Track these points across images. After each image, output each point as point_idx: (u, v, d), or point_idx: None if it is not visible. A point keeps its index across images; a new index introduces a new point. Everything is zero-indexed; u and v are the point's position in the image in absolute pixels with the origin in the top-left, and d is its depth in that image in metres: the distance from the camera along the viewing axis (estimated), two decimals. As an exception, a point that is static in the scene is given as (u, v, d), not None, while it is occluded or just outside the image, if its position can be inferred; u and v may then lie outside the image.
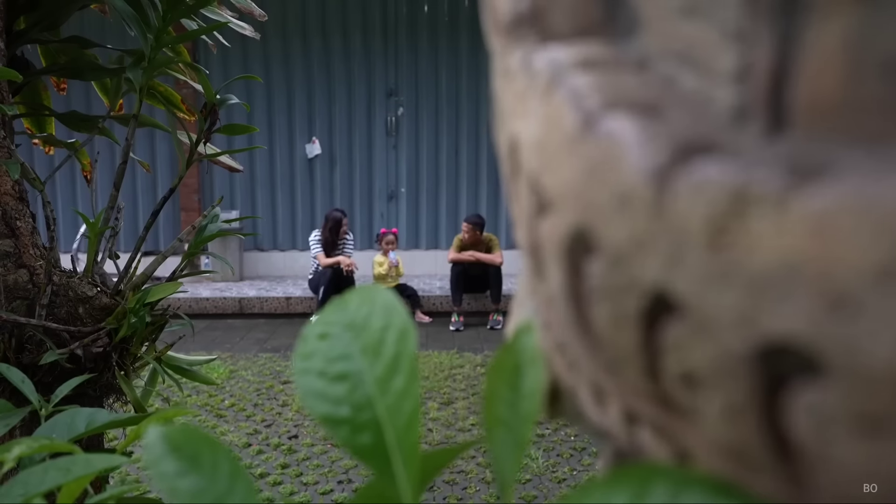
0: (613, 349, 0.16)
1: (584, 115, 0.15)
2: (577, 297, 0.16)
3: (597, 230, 0.15)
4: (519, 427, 0.21)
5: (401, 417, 0.25)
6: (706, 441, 0.14)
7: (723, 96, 0.14)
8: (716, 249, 0.12)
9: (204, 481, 0.23)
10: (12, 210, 1.14)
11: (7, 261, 1.11)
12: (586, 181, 0.15)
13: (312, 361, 0.28)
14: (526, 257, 0.21)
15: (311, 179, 7.37)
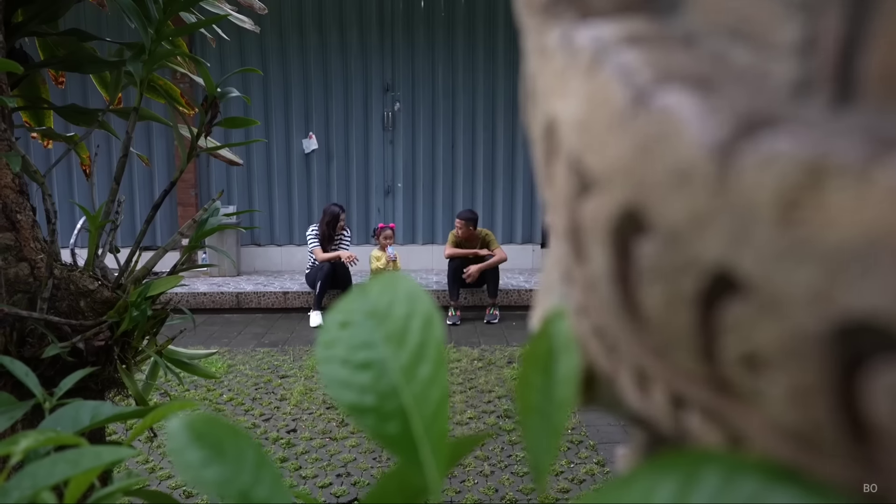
0: (664, 331, 0.15)
1: (635, 91, 0.15)
2: (624, 280, 0.16)
3: (650, 208, 0.15)
4: (553, 414, 0.20)
5: (428, 406, 0.25)
6: (767, 424, 0.14)
7: (782, 69, 0.14)
8: (787, 225, 0.12)
9: (229, 471, 0.23)
10: (13, 203, 1.13)
11: (8, 254, 1.10)
12: (638, 158, 0.15)
13: (335, 350, 0.27)
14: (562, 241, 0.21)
15: (307, 174, 7.35)
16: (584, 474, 2.91)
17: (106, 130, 1.49)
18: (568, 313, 0.22)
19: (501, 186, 7.40)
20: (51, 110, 1.57)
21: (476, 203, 7.35)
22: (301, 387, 4.04)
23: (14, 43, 1.33)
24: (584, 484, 2.83)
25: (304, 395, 3.92)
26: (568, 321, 0.22)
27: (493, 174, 7.41)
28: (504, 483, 2.84)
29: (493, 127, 7.36)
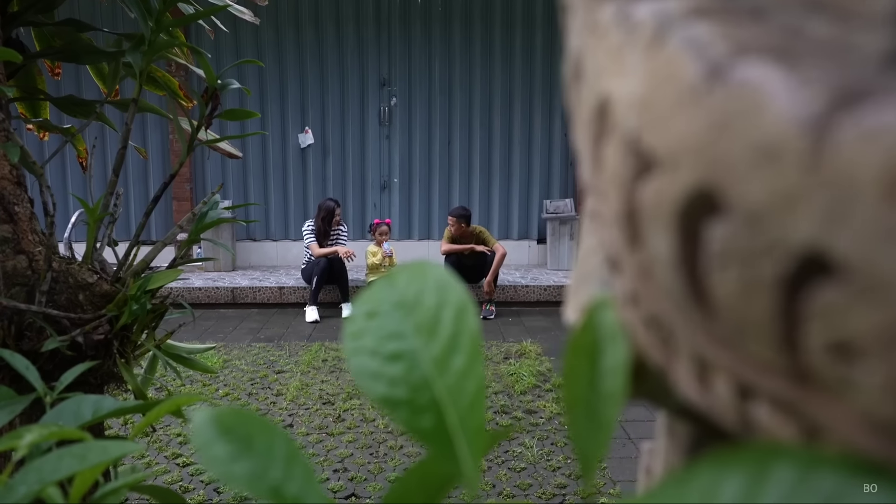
0: (737, 319, 0.14)
1: (709, 65, 0.14)
2: (690, 265, 0.15)
3: (726, 188, 0.14)
4: (602, 407, 0.20)
5: (463, 398, 0.24)
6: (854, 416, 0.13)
7: (869, 41, 0.13)
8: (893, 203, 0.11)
9: (259, 466, 0.22)
10: (10, 195, 1.11)
11: (6, 246, 1.08)
12: (713, 136, 0.14)
13: (363, 340, 0.26)
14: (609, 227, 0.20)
15: (303, 169, 7.33)
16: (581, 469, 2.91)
17: (103, 122, 1.47)
18: (613, 302, 0.21)
19: (498, 182, 7.39)
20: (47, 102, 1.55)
21: (472, 199, 7.34)
22: (297, 382, 4.03)
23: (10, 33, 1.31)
24: (582, 478, 2.84)
25: (301, 390, 3.91)
26: (613, 310, 0.21)
27: (490, 170, 7.41)
28: (501, 479, 2.84)
29: (489, 123, 7.35)
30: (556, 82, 7.33)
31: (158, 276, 1.22)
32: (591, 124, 0.19)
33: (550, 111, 7.36)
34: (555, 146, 7.39)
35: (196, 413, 0.23)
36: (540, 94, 7.32)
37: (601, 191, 0.20)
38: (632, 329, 0.20)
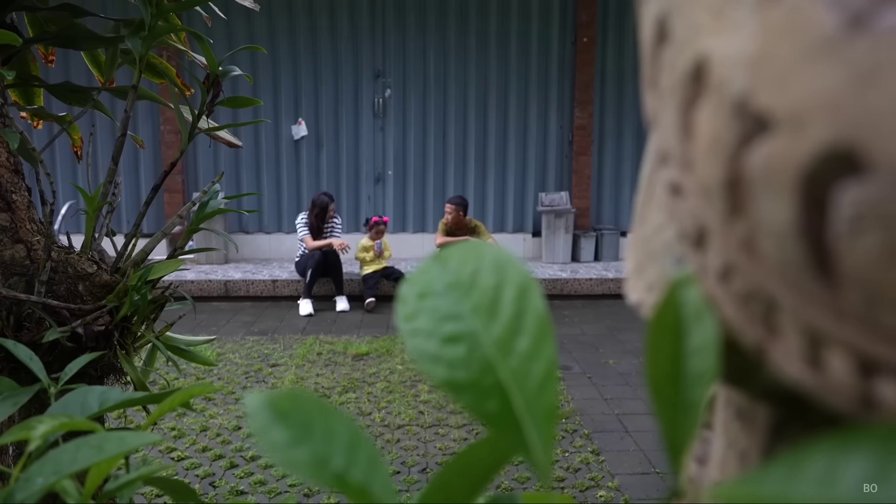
0: (871, 288, 0.13)
1: (848, 13, 0.13)
2: (813, 232, 0.14)
3: (870, 146, 0.13)
4: (689, 387, 0.19)
5: (530, 382, 0.23)
6: None
7: None
8: None
9: (320, 451, 0.21)
10: (7, 183, 1.09)
11: (3, 236, 1.06)
12: (855, 90, 0.13)
13: (418, 322, 0.25)
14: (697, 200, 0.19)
15: (296, 161, 7.29)
16: (579, 463, 2.92)
17: (99, 110, 1.45)
18: (696, 279, 0.20)
19: (493, 175, 7.38)
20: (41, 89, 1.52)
21: (467, 192, 7.32)
22: (292, 375, 4.02)
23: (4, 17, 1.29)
24: (580, 472, 2.84)
25: (296, 383, 3.90)
26: (698, 287, 0.20)
27: (485, 163, 7.39)
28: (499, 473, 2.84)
29: (484, 115, 7.32)
30: (551, 74, 7.31)
31: (159, 267, 1.20)
32: (681, 89, 0.18)
33: (546, 103, 7.34)
34: (550, 139, 7.38)
35: (249, 396, 0.21)
36: (535, 87, 7.30)
37: (687, 161, 0.19)
38: (720, 306, 0.19)
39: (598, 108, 7.36)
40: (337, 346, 4.59)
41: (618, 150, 7.44)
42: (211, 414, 3.40)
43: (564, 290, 6.27)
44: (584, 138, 7.30)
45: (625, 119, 7.38)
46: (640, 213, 0.26)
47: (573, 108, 7.30)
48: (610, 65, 7.32)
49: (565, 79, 7.34)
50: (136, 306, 1.14)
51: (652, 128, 0.23)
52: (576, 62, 7.24)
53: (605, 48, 7.31)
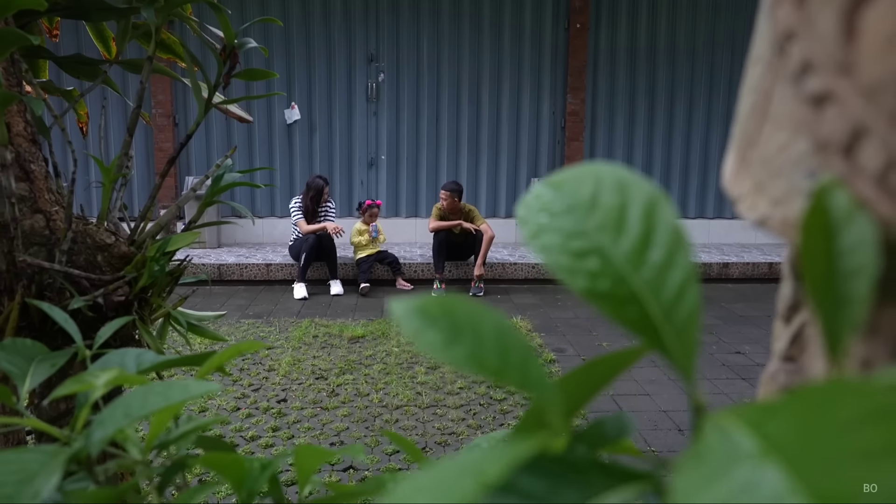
0: None
1: None
2: None
3: None
4: (849, 283, 0.19)
5: (667, 291, 0.23)
6: None
7: None
8: None
9: (474, 351, 0.21)
10: (25, 152, 1.08)
11: (23, 205, 1.06)
12: None
13: (545, 239, 0.26)
14: (850, 105, 0.19)
15: (289, 145, 7.25)
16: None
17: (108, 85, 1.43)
18: (841, 183, 0.21)
19: (486, 160, 7.38)
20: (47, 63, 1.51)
21: (460, 176, 7.32)
22: (289, 357, 4.02)
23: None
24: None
25: (293, 365, 3.90)
26: (845, 190, 0.21)
27: (478, 148, 7.38)
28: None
29: (477, 100, 7.31)
30: (544, 60, 7.30)
31: (177, 239, 1.20)
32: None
33: (539, 89, 7.33)
34: (543, 124, 7.38)
35: (396, 304, 0.22)
36: (528, 72, 7.29)
37: (846, 65, 0.19)
38: (875, 206, 0.19)
39: (591, 94, 7.37)
40: (332, 328, 4.59)
41: (609, 136, 7.46)
42: (209, 395, 3.40)
43: (558, 275, 6.29)
44: (576, 124, 7.30)
45: (617, 105, 7.39)
46: (751, 137, 0.27)
47: (566, 94, 7.30)
48: (603, 50, 7.32)
49: (558, 64, 7.33)
50: (154, 277, 1.14)
51: (783, 42, 0.23)
52: (569, 48, 7.23)
53: (598, 34, 7.30)
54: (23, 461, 0.39)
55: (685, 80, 7.35)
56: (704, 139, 7.49)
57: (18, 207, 1.05)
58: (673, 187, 7.52)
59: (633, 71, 7.36)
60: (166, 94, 6.97)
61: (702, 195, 7.61)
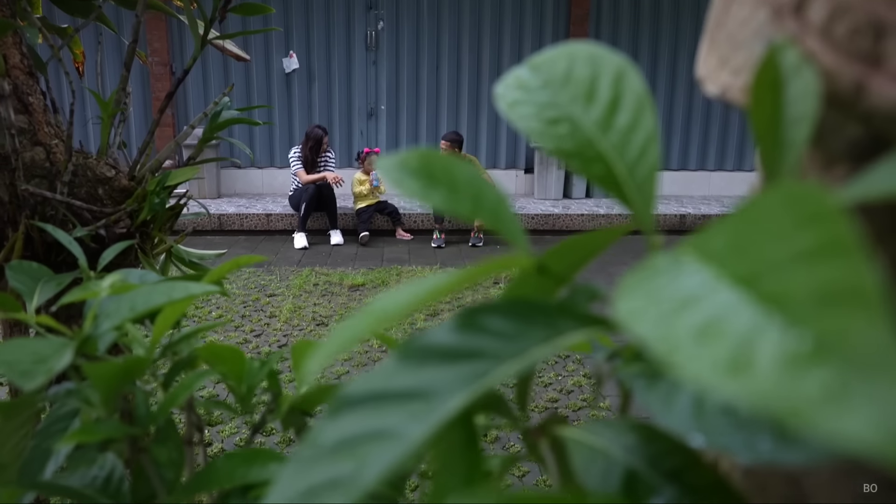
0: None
1: None
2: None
3: None
4: (790, 130, 0.21)
5: (630, 151, 0.25)
6: None
7: None
8: None
9: (449, 199, 0.23)
10: (23, 85, 1.09)
11: (23, 138, 1.07)
12: None
13: (520, 110, 0.27)
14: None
15: (288, 95, 7.17)
16: (571, 385, 3.02)
17: (102, 23, 1.42)
18: (792, 44, 0.22)
19: (486, 111, 7.31)
20: (41, 0, 1.49)
21: (460, 127, 7.26)
22: (290, 304, 4.07)
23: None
24: (572, 394, 2.94)
25: (294, 312, 3.95)
26: (795, 48, 0.22)
27: (478, 98, 7.30)
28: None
29: (478, 49, 7.19)
30: (546, 8, 7.15)
31: (176, 173, 1.21)
32: None
33: (540, 38, 7.21)
34: (544, 75, 7.28)
35: (381, 160, 0.24)
36: (530, 20, 7.15)
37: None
38: (819, 58, 0.21)
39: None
40: (333, 277, 4.64)
41: (613, 87, 7.35)
42: (210, 340, 3.46)
43: (556, 225, 6.31)
44: (579, 74, 7.20)
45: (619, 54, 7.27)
46: (719, 19, 0.28)
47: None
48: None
49: (560, 13, 7.19)
50: (155, 210, 1.15)
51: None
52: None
53: (604, -20, 7.14)
54: (36, 346, 0.41)
55: (689, 30, 7.22)
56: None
57: (18, 140, 1.06)
58: (674, 139, 7.47)
59: (637, 20, 7.23)
60: (162, 41, 6.86)
61: (703, 148, 7.56)
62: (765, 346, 0.13)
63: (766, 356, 0.13)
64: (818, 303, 0.12)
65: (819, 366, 0.12)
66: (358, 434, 0.22)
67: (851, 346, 0.11)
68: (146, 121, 7.02)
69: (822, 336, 0.12)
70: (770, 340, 0.13)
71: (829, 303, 0.12)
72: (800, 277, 0.14)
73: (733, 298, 0.15)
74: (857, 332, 0.12)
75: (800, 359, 0.12)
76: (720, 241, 0.18)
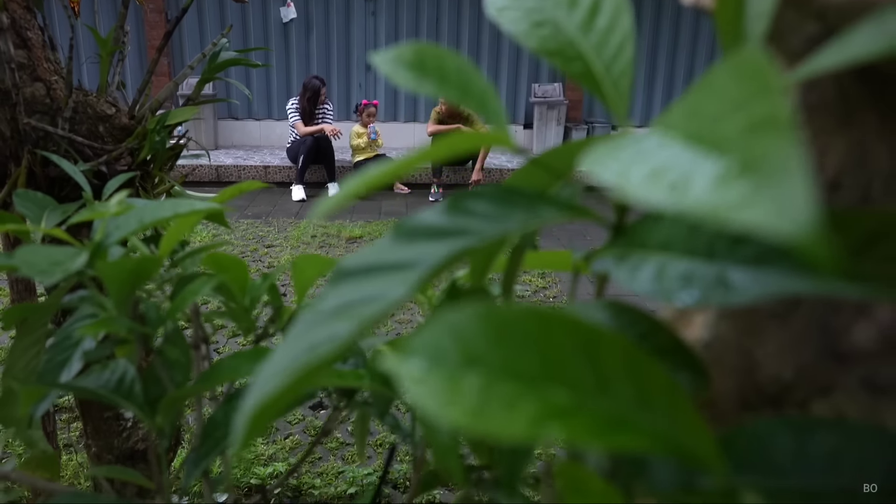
0: None
1: None
2: None
3: None
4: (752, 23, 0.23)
5: (607, 50, 0.27)
6: None
7: None
8: None
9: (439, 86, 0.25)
10: (21, 19, 1.09)
11: (22, 73, 1.07)
12: None
13: (508, 14, 0.29)
14: None
15: (286, 46, 7.06)
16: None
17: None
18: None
19: (486, 65, 7.22)
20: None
21: (460, 81, 7.17)
22: (288, 255, 4.10)
23: None
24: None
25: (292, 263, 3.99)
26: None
27: (478, 51, 7.20)
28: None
29: (479, 1, 7.06)
30: (550, -42, 6.99)
31: (176, 112, 1.22)
32: None
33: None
34: (546, 28, 7.17)
35: (378, 56, 0.26)
36: (533, -29, 7.00)
37: None
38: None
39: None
40: (331, 229, 4.66)
41: (615, 42, 7.26)
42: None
43: (555, 182, 6.31)
44: (581, 28, 7.09)
45: (625, 8, 7.15)
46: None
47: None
48: (613, -51, 7.01)
49: (565, -37, 7.03)
50: (155, 149, 1.17)
51: None
52: (577, -55, 6.91)
53: (609, -70, 6.96)
54: (52, 251, 0.44)
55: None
56: (710, 49, 7.31)
57: (18, 75, 1.07)
58: (675, 97, 7.41)
59: (642, -28, 7.08)
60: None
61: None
62: (700, 174, 0.15)
63: (700, 180, 0.15)
64: (746, 135, 0.15)
65: (740, 179, 0.14)
66: (354, 300, 0.24)
67: (767, 162, 0.14)
68: (141, 69, 6.93)
69: (746, 160, 0.14)
70: (704, 170, 0.15)
71: (754, 133, 0.15)
72: (735, 124, 0.16)
73: (679, 149, 0.17)
74: (773, 152, 0.14)
75: (726, 178, 0.15)
76: (678, 112, 0.20)
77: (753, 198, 0.13)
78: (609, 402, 0.15)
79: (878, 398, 0.24)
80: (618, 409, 0.15)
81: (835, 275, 0.17)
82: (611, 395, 0.16)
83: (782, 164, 0.13)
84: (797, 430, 0.21)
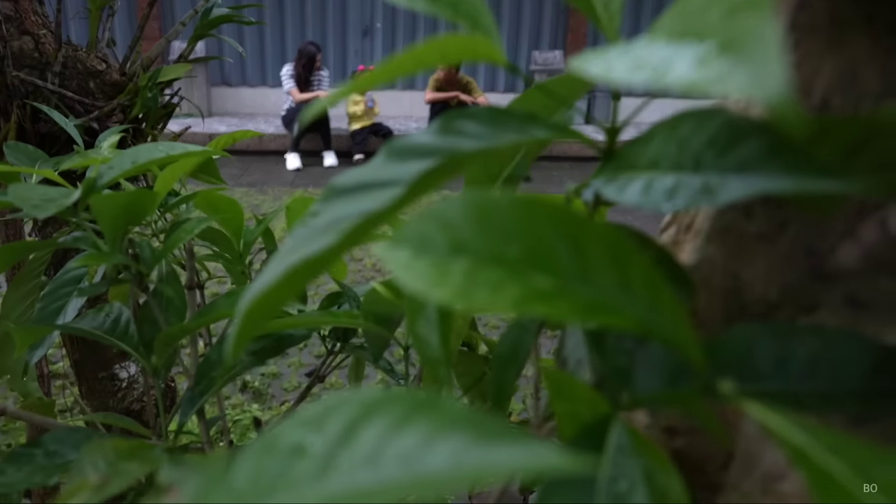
0: None
1: None
2: None
3: None
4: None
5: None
6: None
7: None
8: None
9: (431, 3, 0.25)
10: (8, -29, 1.07)
11: (9, 25, 1.06)
12: None
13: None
14: None
15: (280, 10, 6.95)
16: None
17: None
18: None
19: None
20: None
21: (456, 48, 7.08)
22: (283, 224, 4.09)
23: None
24: None
25: (287, 232, 3.98)
26: None
27: (476, 18, 7.10)
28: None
29: (477, -35, 6.94)
30: (549, -78, 6.87)
31: (168, 70, 1.21)
32: None
33: (542, -45, 6.96)
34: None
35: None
36: (532, -65, 6.89)
37: None
38: None
39: (598, -38, 7.00)
40: (326, 197, 4.65)
41: (614, 9, 7.16)
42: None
43: (553, 151, 6.28)
44: (580, -6, 6.99)
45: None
46: None
47: (571, -39, 6.94)
48: (613, -88, 6.88)
49: (565, -73, 6.91)
50: (147, 106, 1.16)
51: None
52: None
53: None
54: (45, 189, 0.44)
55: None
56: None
57: (6, 27, 1.05)
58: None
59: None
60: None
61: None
62: (681, 58, 0.15)
63: (681, 63, 0.15)
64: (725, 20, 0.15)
65: (719, 59, 0.14)
66: (344, 215, 0.25)
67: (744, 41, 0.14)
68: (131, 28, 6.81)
69: (725, 41, 0.15)
70: (685, 55, 0.15)
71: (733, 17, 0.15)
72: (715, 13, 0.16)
73: (663, 44, 0.17)
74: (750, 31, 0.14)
75: (706, 59, 0.15)
76: (664, 19, 0.20)
77: (731, 73, 0.13)
78: (592, 288, 0.16)
79: (860, 313, 0.25)
80: (600, 296, 0.16)
81: (815, 171, 0.18)
82: (594, 282, 0.16)
83: (758, 41, 0.13)
84: (778, 335, 0.22)
